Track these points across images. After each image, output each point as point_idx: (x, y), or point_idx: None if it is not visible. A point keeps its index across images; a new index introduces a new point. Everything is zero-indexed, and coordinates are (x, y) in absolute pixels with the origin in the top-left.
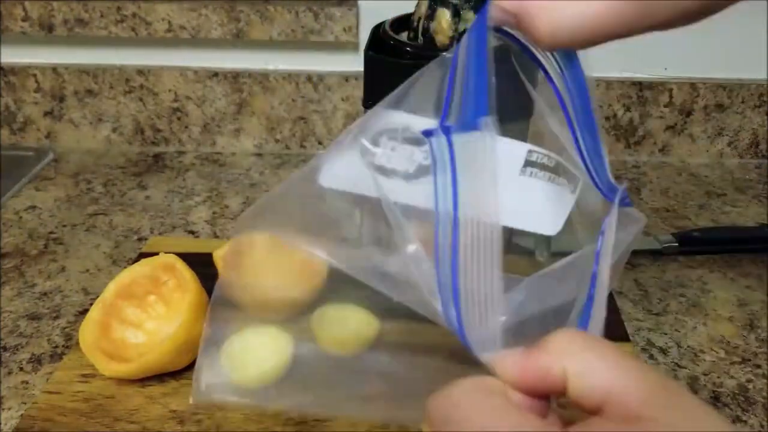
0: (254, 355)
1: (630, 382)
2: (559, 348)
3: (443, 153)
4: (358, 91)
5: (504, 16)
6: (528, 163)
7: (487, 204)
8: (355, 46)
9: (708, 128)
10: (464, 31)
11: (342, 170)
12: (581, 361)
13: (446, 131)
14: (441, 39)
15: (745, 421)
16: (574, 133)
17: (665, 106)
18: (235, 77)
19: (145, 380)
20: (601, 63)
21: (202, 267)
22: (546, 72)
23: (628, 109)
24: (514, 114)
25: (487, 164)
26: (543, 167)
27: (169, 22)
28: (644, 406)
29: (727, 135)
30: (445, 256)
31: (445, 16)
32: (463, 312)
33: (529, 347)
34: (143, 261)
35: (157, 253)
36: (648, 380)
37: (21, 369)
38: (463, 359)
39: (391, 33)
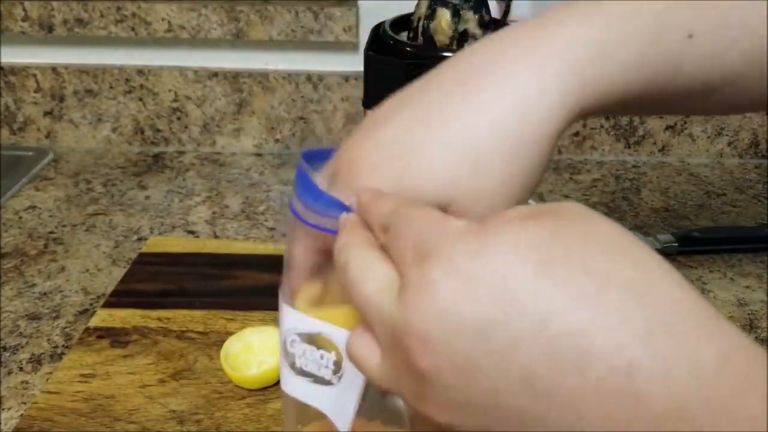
0: (255, 354)
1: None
2: None
3: None
4: (358, 91)
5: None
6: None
7: None
8: (355, 46)
9: (708, 128)
10: (464, 32)
11: None
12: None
13: None
14: (441, 39)
15: None
16: None
17: None
18: (234, 77)
19: (145, 380)
20: None
21: (202, 267)
22: None
23: None
24: None
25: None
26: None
27: (169, 22)
28: (541, 209)
29: (727, 135)
30: None
31: (445, 16)
32: None
33: None
34: None
35: (157, 253)
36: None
37: (21, 369)
38: None
39: (391, 33)
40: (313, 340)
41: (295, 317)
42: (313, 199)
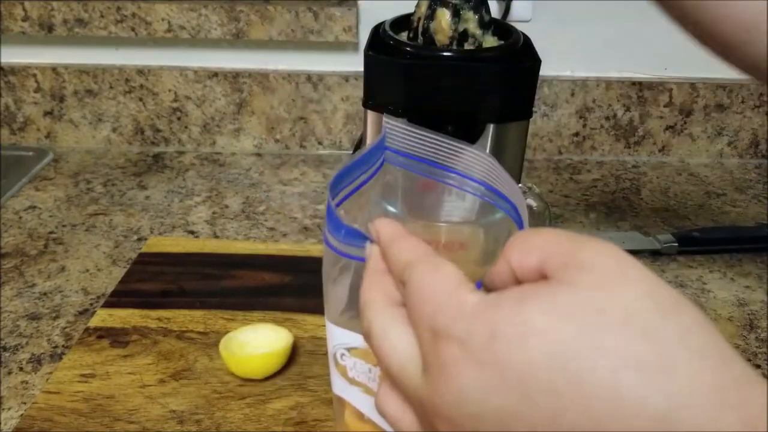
0: (256, 351)
1: (567, 247)
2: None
3: None
4: (358, 91)
5: None
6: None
7: None
8: (355, 46)
9: (708, 128)
10: (464, 32)
11: None
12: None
13: None
14: (441, 39)
15: None
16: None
17: (665, 106)
18: (235, 77)
19: (145, 380)
20: (601, 63)
21: (202, 267)
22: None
23: (628, 109)
24: (514, 115)
25: None
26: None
27: (169, 22)
28: (561, 268)
29: (726, 135)
30: None
31: (444, 16)
32: None
33: None
34: None
35: (157, 253)
36: (592, 247)
37: (21, 369)
38: None
39: (391, 33)
40: (360, 354)
41: (341, 333)
42: (336, 230)
